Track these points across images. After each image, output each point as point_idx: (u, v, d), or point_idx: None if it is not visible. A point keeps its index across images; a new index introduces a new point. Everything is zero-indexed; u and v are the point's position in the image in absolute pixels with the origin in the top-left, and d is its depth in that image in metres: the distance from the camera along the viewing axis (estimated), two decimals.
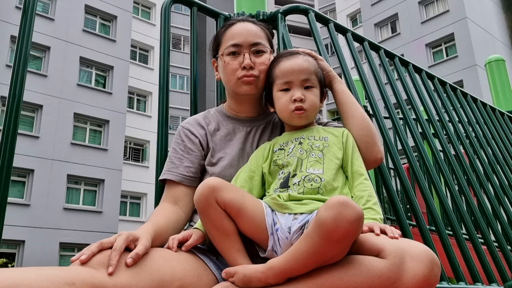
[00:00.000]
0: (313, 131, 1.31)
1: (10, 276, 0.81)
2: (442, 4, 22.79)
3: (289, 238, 1.06)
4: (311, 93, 1.30)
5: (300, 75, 1.30)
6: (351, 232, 0.92)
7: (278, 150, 1.30)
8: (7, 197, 1.25)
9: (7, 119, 1.30)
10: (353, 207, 0.92)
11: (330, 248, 0.93)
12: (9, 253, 16.27)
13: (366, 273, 0.92)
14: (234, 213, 1.09)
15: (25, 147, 16.33)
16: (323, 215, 0.92)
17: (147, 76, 23.66)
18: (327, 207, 0.93)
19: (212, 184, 1.09)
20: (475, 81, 19.74)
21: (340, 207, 0.91)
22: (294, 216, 1.10)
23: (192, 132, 1.44)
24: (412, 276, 0.90)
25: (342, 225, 0.90)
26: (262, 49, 1.40)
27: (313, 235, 0.94)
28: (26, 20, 1.39)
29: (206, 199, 1.08)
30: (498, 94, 3.99)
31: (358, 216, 0.92)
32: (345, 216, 0.91)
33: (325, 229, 0.91)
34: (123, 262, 0.97)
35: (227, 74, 1.41)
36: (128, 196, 21.69)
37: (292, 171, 1.20)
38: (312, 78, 1.31)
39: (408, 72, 2.53)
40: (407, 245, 0.95)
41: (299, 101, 1.27)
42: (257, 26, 1.45)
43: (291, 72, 1.30)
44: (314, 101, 1.31)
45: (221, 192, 1.08)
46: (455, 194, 2.11)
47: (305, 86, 1.30)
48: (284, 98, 1.30)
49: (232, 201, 1.08)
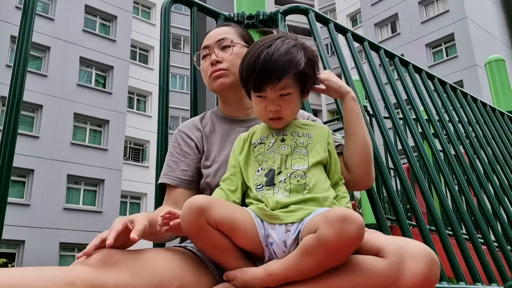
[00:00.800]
0: (295, 126, 1.26)
1: (10, 276, 0.81)
2: (442, 4, 22.79)
3: (286, 251, 1.03)
4: (287, 101, 1.18)
5: (273, 85, 1.15)
6: (355, 246, 0.92)
7: (258, 144, 1.24)
8: (7, 197, 1.25)
9: (7, 119, 1.30)
10: (355, 221, 0.89)
11: (333, 261, 0.94)
12: (9, 253, 16.28)
13: (366, 272, 0.92)
14: (228, 230, 1.02)
15: (25, 147, 16.33)
16: (326, 233, 0.90)
17: (147, 76, 23.66)
18: (328, 224, 0.90)
19: (199, 205, 0.99)
20: (475, 81, 19.74)
21: (342, 223, 0.89)
22: (286, 228, 1.05)
23: (188, 135, 1.45)
24: (411, 275, 0.90)
25: (345, 241, 0.89)
26: (227, 43, 1.44)
27: (316, 252, 0.92)
28: (26, 20, 1.39)
29: (197, 223, 1.00)
30: (498, 94, 3.99)
31: (361, 229, 0.90)
32: (348, 232, 0.89)
33: (329, 247, 0.90)
34: (123, 262, 0.97)
35: (203, 75, 1.49)
36: (128, 196, 21.69)
37: (277, 168, 1.15)
38: (289, 84, 1.16)
39: (408, 72, 2.53)
40: (406, 244, 0.95)
41: (274, 111, 1.18)
42: (227, 27, 1.52)
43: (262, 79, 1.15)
44: (291, 108, 1.20)
45: (211, 211, 1.00)
46: (455, 194, 2.11)
47: (280, 94, 1.17)
48: (259, 106, 1.20)
49: (223, 218, 1.01)
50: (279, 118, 1.20)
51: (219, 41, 1.46)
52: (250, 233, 1.05)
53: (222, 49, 1.45)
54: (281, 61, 1.14)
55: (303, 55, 1.18)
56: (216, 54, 1.44)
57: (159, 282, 0.98)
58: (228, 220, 1.02)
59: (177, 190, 1.38)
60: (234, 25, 1.57)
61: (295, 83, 1.17)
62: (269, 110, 1.19)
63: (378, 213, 1.65)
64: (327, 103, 31.10)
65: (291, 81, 1.16)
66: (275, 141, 1.22)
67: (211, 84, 1.46)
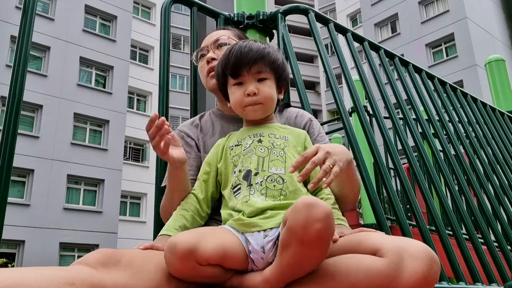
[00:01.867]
0: (273, 128, 1.27)
1: (10, 276, 0.81)
2: (442, 4, 22.79)
3: (265, 257, 1.02)
4: (265, 85, 1.23)
5: (252, 68, 1.22)
6: (323, 232, 0.88)
7: (235, 146, 1.24)
8: (7, 197, 1.25)
9: (7, 119, 1.30)
10: (320, 207, 0.88)
11: (309, 252, 0.91)
12: (9, 253, 16.28)
13: (365, 271, 0.92)
14: (219, 261, 0.97)
15: (25, 147, 16.34)
16: (292, 220, 0.89)
17: (147, 76, 23.67)
18: (294, 211, 0.90)
19: (185, 249, 0.93)
20: (475, 81, 19.75)
21: (307, 209, 0.88)
22: (265, 233, 1.03)
23: (188, 135, 1.46)
24: (411, 274, 0.90)
25: (312, 226, 0.87)
26: (224, 42, 1.50)
27: (289, 243, 0.91)
28: (26, 20, 1.39)
29: (186, 266, 0.94)
30: (498, 94, 3.99)
31: (327, 214, 0.88)
32: (314, 216, 0.87)
33: (297, 235, 0.89)
34: (123, 262, 0.97)
35: (200, 75, 1.54)
36: (128, 196, 21.69)
37: (254, 170, 1.15)
38: (264, 69, 1.23)
39: (408, 72, 2.53)
40: (406, 243, 0.94)
41: (252, 95, 1.22)
42: (224, 29, 1.60)
43: (239, 63, 1.22)
44: (269, 93, 1.23)
45: (199, 251, 0.93)
46: (455, 194, 2.11)
47: (258, 79, 1.23)
48: (237, 93, 1.24)
49: (213, 253, 0.95)
50: (257, 104, 1.22)
51: (215, 41, 1.52)
52: (239, 254, 1.02)
53: (218, 47, 1.51)
54: (255, 48, 1.24)
55: (277, 51, 1.29)
56: (213, 51, 1.50)
57: (158, 282, 0.98)
58: (218, 252, 0.97)
59: None
60: (231, 28, 1.65)
61: (270, 70, 1.24)
62: (247, 93, 1.22)
63: (378, 213, 1.65)
64: (327, 103, 31.11)
65: (267, 67, 1.23)
66: (252, 142, 1.22)
67: (208, 83, 1.49)
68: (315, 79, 32.13)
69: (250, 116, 1.26)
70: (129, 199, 21.88)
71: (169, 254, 0.95)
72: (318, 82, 32.22)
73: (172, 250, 0.94)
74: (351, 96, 1.98)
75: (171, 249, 0.94)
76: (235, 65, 1.23)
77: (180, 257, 0.93)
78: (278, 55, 1.28)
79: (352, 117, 4.33)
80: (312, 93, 31.63)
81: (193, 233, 0.99)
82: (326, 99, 31.10)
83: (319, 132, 1.42)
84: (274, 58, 1.25)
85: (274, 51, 1.28)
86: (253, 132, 1.26)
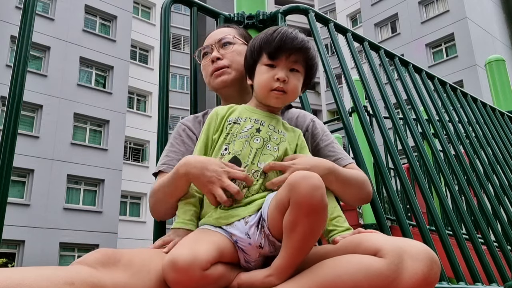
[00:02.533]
0: (275, 120, 1.26)
1: (10, 276, 0.81)
2: (442, 4, 22.79)
3: (252, 242, 1.04)
4: (295, 77, 1.22)
5: (291, 56, 1.21)
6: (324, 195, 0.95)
7: (233, 123, 1.22)
8: (7, 197, 1.25)
9: (7, 119, 1.30)
10: (313, 176, 0.95)
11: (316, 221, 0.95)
12: (9, 253, 16.28)
13: (365, 272, 0.92)
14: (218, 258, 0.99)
15: (25, 147, 16.34)
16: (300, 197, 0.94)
17: (147, 76, 23.67)
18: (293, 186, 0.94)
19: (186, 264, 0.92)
20: (475, 81, 19.74)
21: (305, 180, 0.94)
22: (244, 221, 1.06)
23: (190, 129, 1.44)
24: (411, 275, 0.90)
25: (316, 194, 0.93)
26: (228, 41, 1.47)
27: (299, 219, 0.94)
28: (26, 20, 1.39)
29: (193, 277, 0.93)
30: (498, 94, 3.99)
31: (320, 179, 0.95)
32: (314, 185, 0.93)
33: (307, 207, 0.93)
34: (123, 262, 0.97)
35: (203, 73, 1.51)
36: (128, 196, 21.70)
37: (244, 162, 1.15)
38: (301, 62, 1.23)
39: (408, 72, 2.53)
40: (406, 244, 0.94)
41: (282, 81, 1.20)
42: (228, 27, 1.56)
43: (282, 46, 1.20)
44: (296, 85, 1.23)
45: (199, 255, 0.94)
46: (455, 194, 2.11)
47: (291, 68, 1.22)
48: (267, 74, 1.22)
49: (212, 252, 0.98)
50: (283, 92, 1.21)
51: (220, 40, 1.48)
52: (230, 247, 1.05)
53: (222, 46, 1.47)
54: (300, 37, 1.22)
55: (315, 49, 1.29)
56: (217, 51, 1.46)
57: (158, 281, 0.98)
58: (215, 250, 0.99)
59: None
60: (235, 26, 1.61)
61: (305, 65, 1.24)
62: (277, 78, 1.20)
63: (378, 213, 1.65)
64: (327, 103, 31.11)
65: (302, 60, 1.23)
66: (251, 128, 1.21)
67: (212, 82, 1.47)
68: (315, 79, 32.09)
69: (272, 101, 1.23)
70: (129, 199, 21.88)
71: (173, 273, 0.93)
72: (318, 82, 32.22)
73: (174, 268, 0.93)
74: (351, 96, 1.98)
75: (173, 267, 0.93)
76: (278, 47, 1.20)
77: (185, 270, 0.92)
78: (316, 54, 1.29)
79: (352, 117, 4.33)
80: (312, 93, 31.62)
81: (184, 245, 0.99)
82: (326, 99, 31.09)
83: (324, 131, 1.41)
84: (313, 55, 1.25)
85: (314, 48, 1.28)
86: (255, 116, 1.24)
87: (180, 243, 1.02)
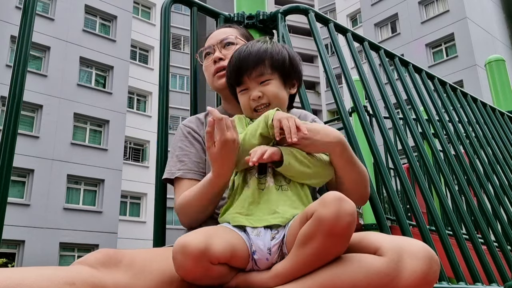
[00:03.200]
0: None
1: (10, 276, 0.81)
2: (442, 4, 22.80)
3: (270, 259, 1.03)
4: (269, 87, 1.23)
5: (252, 73, 1.23)
6: (352, 224, 0.93)
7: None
8: (7, 197, 1.25)
9: (7, 119, 1.30)
10: (349, 201, 0.93)
11: (334, 244, 0.93)
12: (9, 253, 16.28)
13: (365, 270, 0.92)
14: (228, 259, 0.98)
15: (25, 147, 16.34)
16: (324, 212, 0.91)
17: (147, 76, 23.66)
18: (325, 204, 0.92)
19: (198, 249, 0.91)
20: (475, 81, 19.75)
21: (339, 202, 0.92)
22: (272, 235, 1.04)
23: (194, 131, 1.44)
24: (410, 273, 0.90)
25: (343, 218, 0.91)
26: (231, 41, 1.48)
27: (315, 235, 0.93)
28: (26, 20, 1.39)
29: (198, 267, 0.92)
30: (498, 94, 3.99)
31: (354, 209, 0.94)
32: (345, 209, 0.91)
33: (327, 226, 0.91)
34: (124, 262, 0.97)
35: (205, 74, 1.53)
36: (128, 196, 21.69)
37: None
38: (266, 71, 1.23)
39: (408, 72, 2.53)
40: (405, 242, 0.95)
41: (257, 99, 1.22)
42: (230, 27, 1.57)
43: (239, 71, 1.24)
44: (274, 92, 1.23)
45: (211, 249, 0.93)
46: (455, 194, 2.11)
47: (261, 82, 1.23)
48: (243, 98, 1.26)
49: (224, 251, 0.96)
50: (265, 105, 1.22)
51: (222, 40, 1.49)
52: (245, 253, 1.02)
53: (224, 47, 1.48)
54: (253, 52, 1.24)
55: (279, 48, 1.27)
56: (219, 51, 1.47)
57: (159, 282, 0.98)
58: (229, 250, 0.97)
59: (191, 182, 1.32)
60: (236, 26, 1.62)
61: (272, 70, 1.24)
62: (252, 98, 1.22)
63: (378, 213, 1.65)
64: (327, 103, 31.11)
65: (267, 69, 1.23)
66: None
67: (214, 83, 1.48)
68: (315, 79, 32.13)
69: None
70: (129, 199, 21.88)
71: (181, 256, 0.92)
72: (318, 82, 32.23)
73: (184, 251, 0.92)
74: (351, 96, 1.98)
75: (183, 250, 0.92)
76: (235, 74, 1.25)
77: (193, 257, 0.91)
78: (281, 53, 1.26)
79: (352, 117, 4.33)
80: (312, 93, 31.63)
81: (200, 233, 0.97)
82: (326, 99, 31.09)
83: (314, 120, 1.42)
84: (275, 58, 1.24)
85: (276, 50, 1.26)
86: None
87: (197, 230, 1.01)
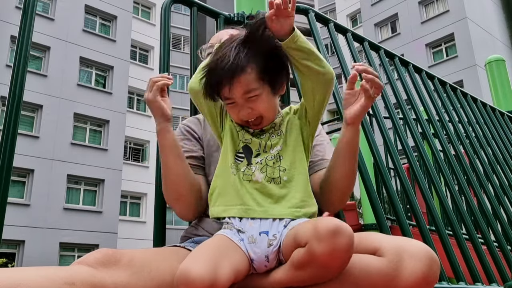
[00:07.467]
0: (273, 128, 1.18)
1: (10, 276, 0.81)
2: (442, 4, 22.79)
3: (268, 265, 1.02)
4: (257, 100, 1.09)
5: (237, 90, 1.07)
6: (347, 260, 0.90)
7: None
8: (7, 197, 1.25)
9: (7, 119, 1.30)
10: (346, 233, 0.87)
11: (327, 273, 0.92)
12: (9, 253, 16.27)
13: (365, 271, 0.92)
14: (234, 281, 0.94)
15: (25, 147, 16.33)
16: (316, 249, 0.87)
17: (147, 76, 23.57)
18: (319, 238, 0.87)
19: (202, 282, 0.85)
20: (475, 81, 19.74)
21: (333, 238, 0.86)
22: (269, 242, 1.01)
23: (193, 130, 1.47)
24: (410, 274, 0.90)
25: (338, 256, 0.87)
26: None
27: (308, 266, 0.91)
28: (26, 20, 1.39)
29: None
30: (498, 94, 3.99)
31: (352, 241, 0.88)
32: (339, 246, 0.86)
33: (321, 262, 0.88)
34: (123, 262, 0.97)
35: None
36: (128, 196, 21.68)
37: (255, 151, 1.12)
38: (252, 85, 1.07)
39: (408, 72, 2.53)
40: (405, 243, 0.95)
41: (246, 115, 1.11)
42: (233, 29, 1.54)
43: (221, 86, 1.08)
44: (266, 106, 1.11)
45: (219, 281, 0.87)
46: (455, 194, 2.11)
47: (247, 98, 1.09)
48: (232, 112, 1.13)
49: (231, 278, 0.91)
50: (257, 118, 1.12)
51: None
52: (247, 267, 1.01)
53: None
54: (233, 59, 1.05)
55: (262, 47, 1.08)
56: None
57: (159, 281, 0.98)
58: (234, 275, 0.93)
59: None
60: (240, 28, 1.60)
61: (259, 82, 1.08)
62: (241, 117, 1.11)
63: (378, 213, 1.65)
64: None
65: (253, 82, 1.07)
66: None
67: None
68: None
69: (257, 128, 1.15)
70: (129, 199, 21.87)
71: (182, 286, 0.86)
72: None
73: (188, 284, 0.86)
74: None
75: (187, 283, 0.86)
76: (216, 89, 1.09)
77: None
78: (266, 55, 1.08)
79: None
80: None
81: (202, 258, 0.91)
82: None
83: (319, 133, 1.43)
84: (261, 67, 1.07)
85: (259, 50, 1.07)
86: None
87: (198, 253, 0.94)
